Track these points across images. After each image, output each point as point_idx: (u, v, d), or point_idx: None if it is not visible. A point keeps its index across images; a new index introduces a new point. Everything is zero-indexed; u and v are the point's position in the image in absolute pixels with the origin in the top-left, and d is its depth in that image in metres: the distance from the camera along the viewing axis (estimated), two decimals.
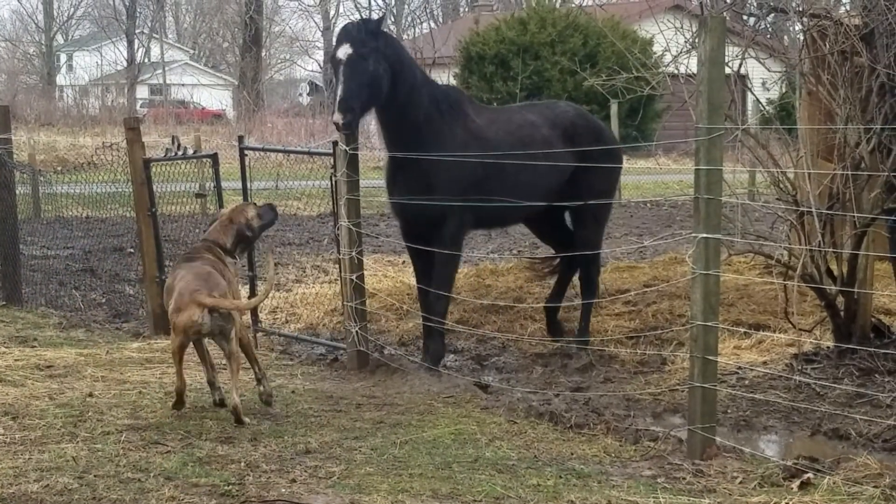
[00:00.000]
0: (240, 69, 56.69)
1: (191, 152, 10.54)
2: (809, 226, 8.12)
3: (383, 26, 8.57)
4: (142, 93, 63.09)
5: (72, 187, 13.57)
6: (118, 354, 8.85)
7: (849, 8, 9.57)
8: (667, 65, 9.30)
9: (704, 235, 6.13)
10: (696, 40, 6.74)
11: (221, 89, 65.81)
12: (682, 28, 8.82)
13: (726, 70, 6.42)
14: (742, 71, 8.36)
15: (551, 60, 35.38)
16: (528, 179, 8.64)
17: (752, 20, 10.24)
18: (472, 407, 7.43)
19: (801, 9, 8.57)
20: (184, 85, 62.02)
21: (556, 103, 10.58)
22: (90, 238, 14.59)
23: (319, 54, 65.65)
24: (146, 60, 67.78)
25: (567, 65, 33.52)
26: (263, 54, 63.33)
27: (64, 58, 76.45)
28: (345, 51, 8.18)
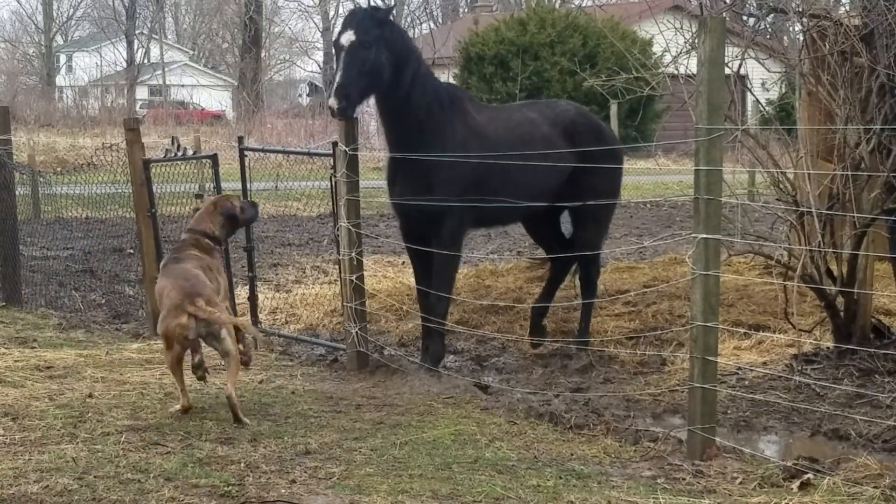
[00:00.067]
0: (239, 70, 56.70)
1: (190, 153, 10.52)
2: (809, 226, 8.11)
3: (392, 16, 8.55)
4: (141, 93, 63.06)
5: (71, 188, 13.58)
6: (118, 355, 8.85)
7: (848, 8, 9.56)
8: (666, 65, 9.29)
9: (704, 236, 6.13)
10: (696, 41, 6.74)
11: (221, 90, 65.82)
12: (681, 28, 8.81)
13: (726, 70, 6.42)
14: (742, 71, 8.35)
15: (551, 61, 35.36)
16: (528, 176, 8.62)
17: (751, 21, 10.24)
18: (471, 408, 7.43)
19: (800, 9, 8.56)
20: (183, 86, 61.99)
21: (557, 102, 10.56)
22: (90, 239, 14.60)
23: (319, 55, 65.66)
24: (146, 61, 67.79)
25: (567, 65, 33.51)
26: (263, 55, 63.33)
27: (63, 59, 76.41)
28: (348, 37, 8.17)
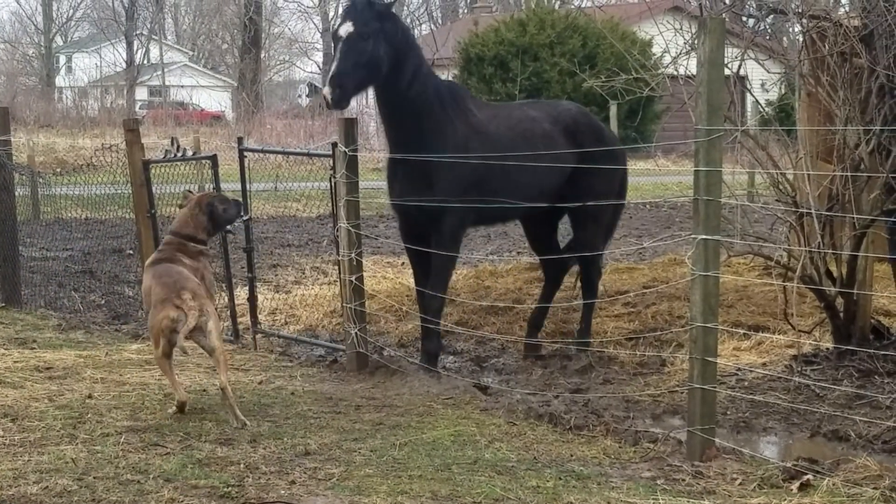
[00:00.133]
0: (239, 71, 56.66)
1: (190, 154, 10.52)
2: (809, 227, 8.12)
3: (393, 9, 8.52)
4: (141, 94, 63.05)
5: (71, 189, 13.57)
6: (117, 356, 8.84)
7: (848, 9, 9.56)
8: (666, 66, 9.30)
9: (704, 237, 6.13)
10: (696, 42, 6.75)
11: (220, 91, 65.83)
12: (681, 29, 8.81)
13: (725, 71, 6.41)
14: (741, 72, 8.35)
15: (550, 62, 35.37)
16: (528, 173, 8.61)
17: (751, 21, 10.24)
18: (471, 408, 7.42)
19: (800, 10, 8.56)
20: (183, 86, 61.98)
21: (559, 101, 10.58)
22: (89, 240, 14.59)
23: (319, 56, 65.68)
24: (145, 62, 67.82)
25: (566, 66, 33.54)
26: (263, 56, 63.32)
27: (63, 59, 76.41)
28: (346, 28, 8.17)
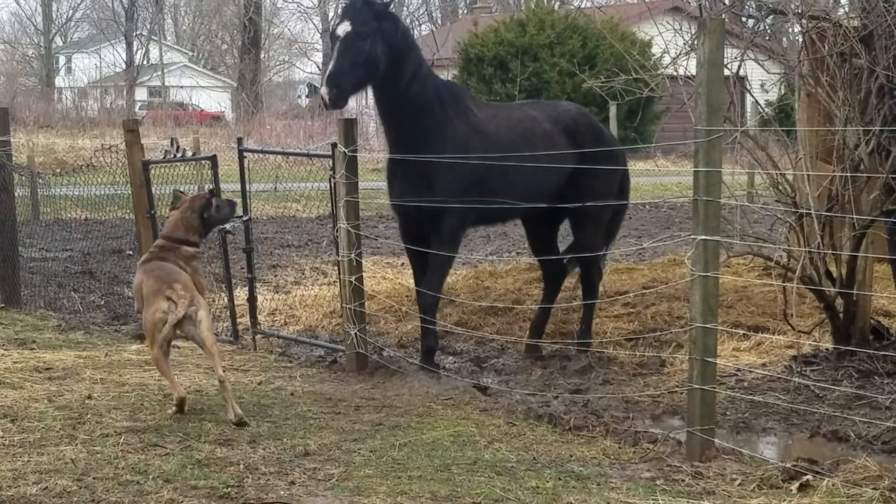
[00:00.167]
0: (238, 71, 56.66)
1: (189, 154, 10.52)
2: (808, 227, 8.12)
3: (392, 9, 8.54)
4: (140, 95, 63.07)
5: (70, 189, 13.57)
6: (117, 357, 8.84)
7: (847, 10, 9.57)
8: (666, 67, 9.31)
9: (703, 237, 6.13)
10: (695, 42, 6.75)
11: (220, 91, 65.84)
12: (680, 30, 8.81)
13: (725, 72, 6.42)
14: (741, 73, 8.36)
15: (550, 62, 35.36)
16: (528, 174, 8.61)
17: (750, 22, 10.24)
18: (470, 409, 7.42)
19: (799, 11, 8.56)
20: (182, 87, 62.00)
21: (559, 102, 10.60)
22: (89, 240, 14.58)
23: (318, 56, 65.67)
24: (145, 62, 67.83)
25: (566, 66, 33.52)
26: (262, 56, 63.32)
27: (63, 60, 76.42)
28: (344, 28, 8.20)
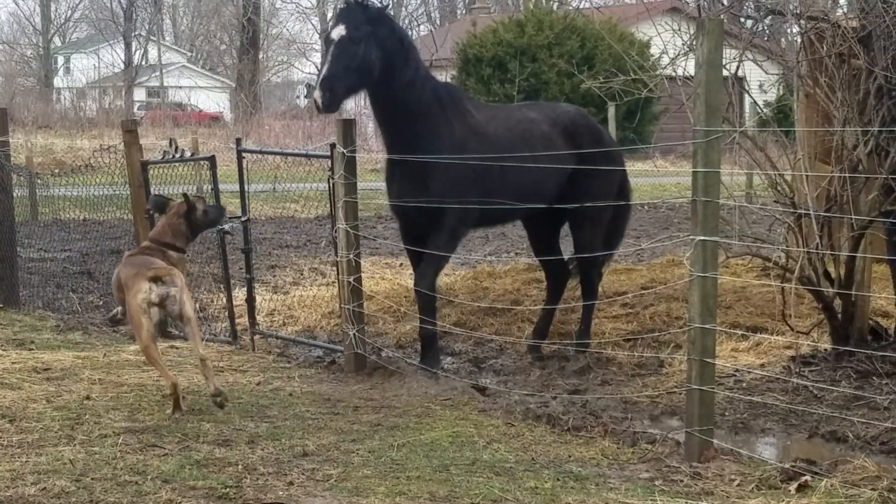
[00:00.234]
0: (237, 71, 56.64)
1: (188, 154, 10.52)
2: (807, 228, 8.12)
3: (388, 13, 8.55)
4: (139, 95, 63.05)
5: (69, 190, 13.56)
6: (115, 357, 8.84)
7: (846, 10, 9.57)
8: (664, 67, 9.31)
9: (702, 238, 6.13)
10: (694, 43, 6.75)
11: (219, 91, 65.80)
12: (679, 30, 8.81)
13: (724, 72, 6.42)
14: (740, 73, 8.36)
15: (549, 63, 35.37)
16: (527, 175, 8.61)
17: (749, 23, 10.24)
18: (469, 409, 7.42)
19: (798, 11, 8.57)
20: (181, 87, 61.99)
21: (558, 104, 10.62)
22: (87, 240, 14.58)
23: (317, 57, 65.61)
24: (143, 63, 67.76)
25: (564, 67, 33.52)
26: (261, 56, 63.28)
27: (61, 60, 76.37)
28: (338, 32, 8.23)
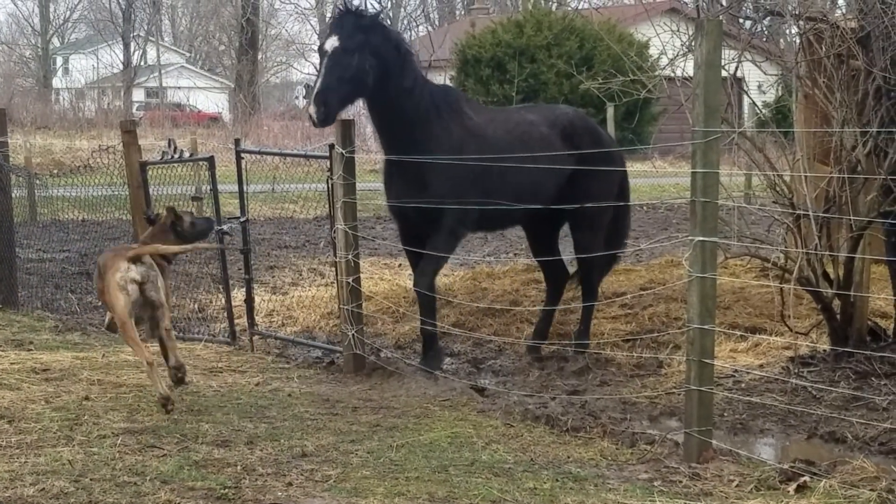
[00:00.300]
0: (236, 72, 56.57)
1: (187, 155, 10.52)
2: (806, 229, 8.12)
3: (381, 20, 8.53)
4: (138, 96, 63.03)
5: (68, 190, 13.55)
6: (114, 358, 8.83)
7: (845, 11, 9.58)
8: (663, 68, 9.30)
9: (701, 238, 6.13)
10: (693, 43, 6.74)
11: (218, 92, 65.78)
12: (678, 31, 8.81)
13: (723, 73, 6.42)
14: (738, 74, 8.36)
15: (547, 63, 35.36)
16: (525, 176, 8.60)
17: (748, 23, 10.25)
18: (468, 410, 7.43)
19: (797, 12, 8.57)
20: (180, 88, 61.96)
21: (556, 105, 10.62)
22: (86, 241, 14.57)
23: (316, 57, 65.56)
24: (142, 63, 67.77)
25: (563, 68, 33.51)
26: (260, 57, 63.22)
27: (60, 61, 76.36)
28: (331, 43, 8.21)
